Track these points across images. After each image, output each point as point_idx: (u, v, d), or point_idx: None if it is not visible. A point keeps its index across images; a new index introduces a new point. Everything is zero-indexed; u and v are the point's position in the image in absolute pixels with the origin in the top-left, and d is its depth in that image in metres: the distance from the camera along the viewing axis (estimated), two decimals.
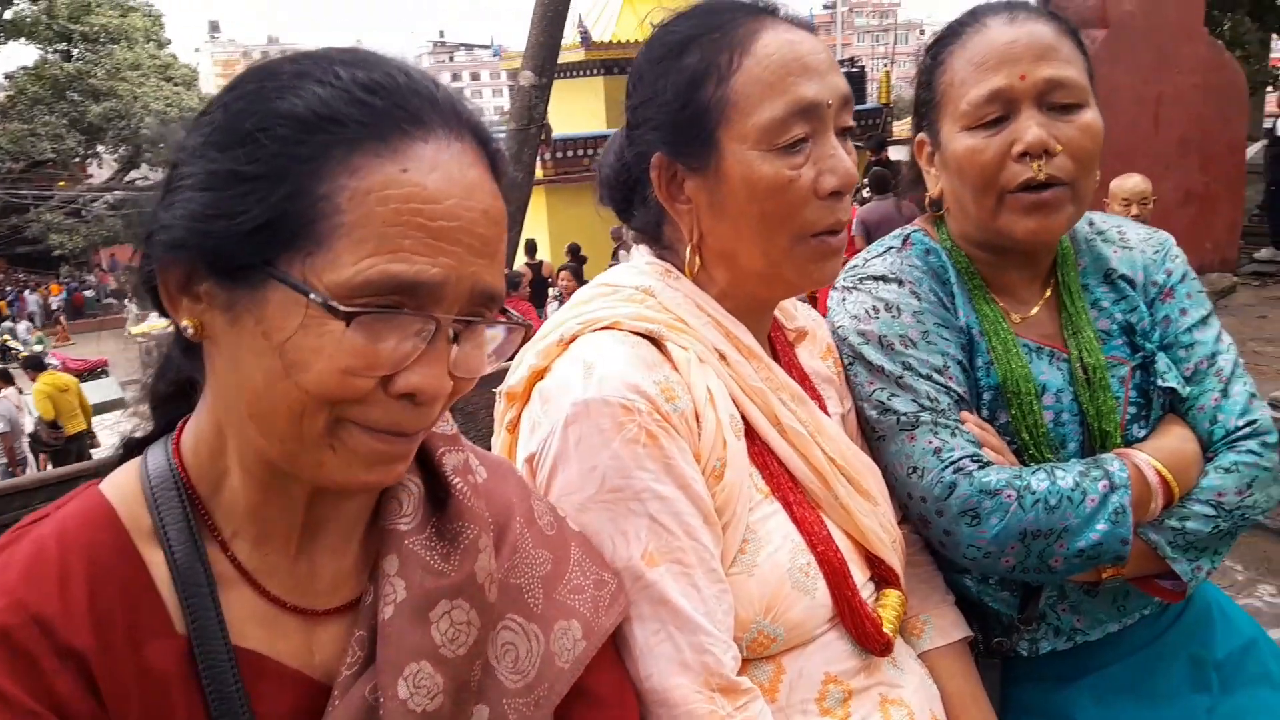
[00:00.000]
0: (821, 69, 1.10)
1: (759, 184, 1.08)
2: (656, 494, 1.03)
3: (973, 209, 1.35)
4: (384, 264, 0.72)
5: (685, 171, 1.14)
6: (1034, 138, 1.26)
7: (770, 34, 1.10)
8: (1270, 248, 10.76)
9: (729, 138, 1.09)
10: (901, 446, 1.30)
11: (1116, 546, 1.23)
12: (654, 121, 1.15)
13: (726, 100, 1.09)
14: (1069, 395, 1.37)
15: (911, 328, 1.34)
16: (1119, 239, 1.47)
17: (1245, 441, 1.32)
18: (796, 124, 1.08)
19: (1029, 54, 1.28)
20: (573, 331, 1.12)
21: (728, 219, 1.12)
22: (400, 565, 0.85)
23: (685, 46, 1.12)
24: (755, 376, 1.16)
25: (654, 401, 1.04)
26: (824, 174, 1.09)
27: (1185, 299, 1.41)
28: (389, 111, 0.75)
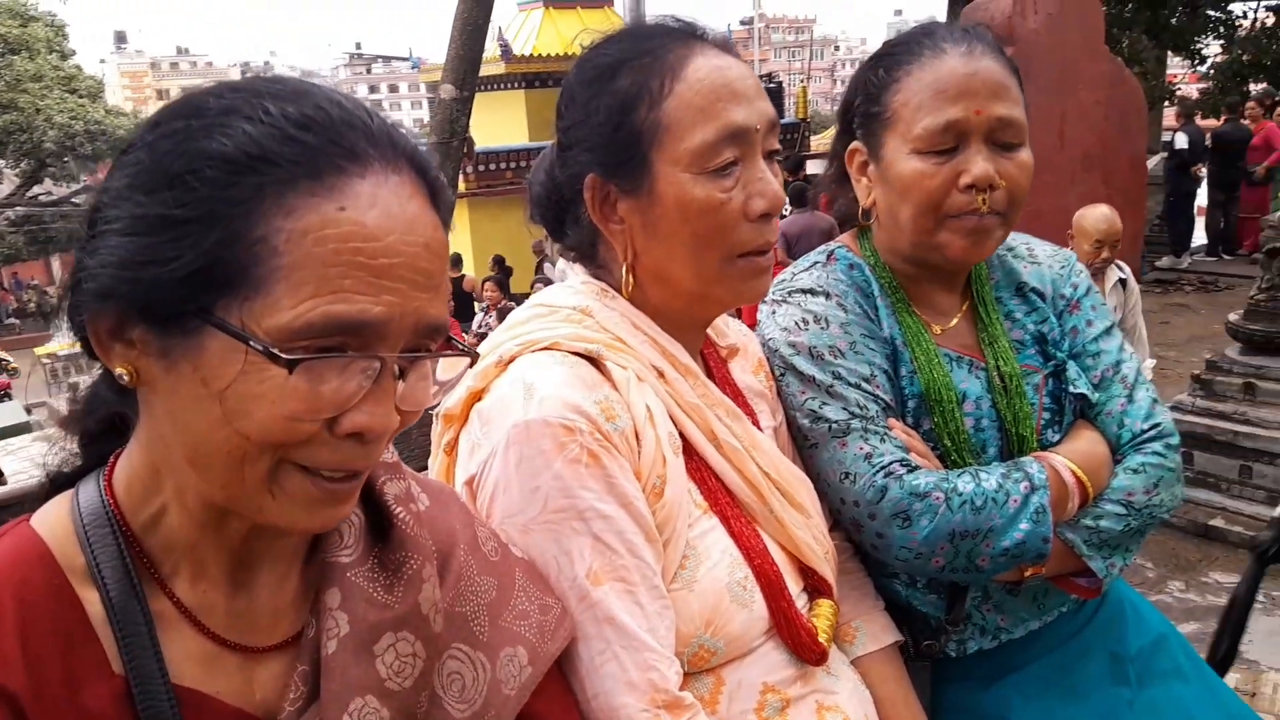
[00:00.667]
0: (750, 94, 1.13)
1: (691, 205, 1.10)
2: (600, 513, 1.04)
3: (909, 226, 1.39)
4: (325, 305, 0.70)
5: (619, 193, 1.15)
6: (981, 172, 1.32)
7: (700, 59, 1.12)
8: (1170, 256, 11.23)
9: (662, 160, 1.11)
10: (834, 453, 1.34)
11: (1039, 545, 1.29)
12: (587, 143, 1.16)
13: (659, 124, 1.11)
14: (987, 402, 1.42)
15: (840, 339, 1.38)
16: (1028, 255, 1.55)
17: (1151, 444, 1.40)
18: (727, 148, 1.10)
19: (985, 90, 1.33)
20: (511, 353, 1.13)
21: (661, 239, 1.14)
22: (342, 598, 0.83)
23: (617, 70, 1.14)
24: (692, 393, 1.18)
25: (595, 421, 1.05)
26: (753, 197, 1.12)
27: (1090, 311, 1.50)
28: (322, 148, 0.73)
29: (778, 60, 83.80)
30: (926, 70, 1.36)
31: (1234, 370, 5.08)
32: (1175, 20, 15.51)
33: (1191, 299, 9.87)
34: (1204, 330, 8.48)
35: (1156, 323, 9.02)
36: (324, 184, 0.72)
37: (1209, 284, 10.29)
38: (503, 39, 21.44)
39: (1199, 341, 8.14)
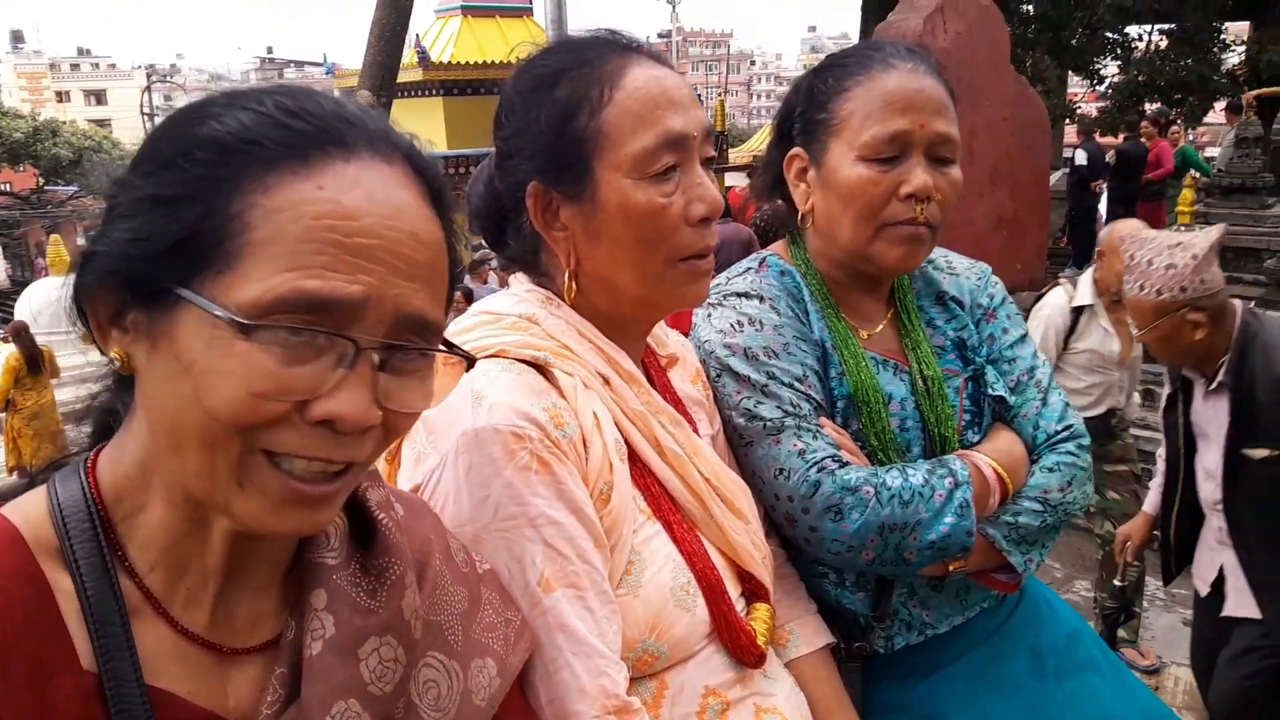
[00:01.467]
0: (686, 103, 1.16)
1: (634, 211, 1.13)
2: (550, 519, 1.05)
3: (847, 232, 1.45)
4: (296, 280, 0.70)
5: (561, 200, 1.17)
6: (921, 183, 1.39)
7: (637, 69, 1.15)
8: (1073, 268, 11.66)
9: (603, 167, 1.13)
10: (768, 450, 1.38)
11: (963, 538, 1.35)
12: (528, 151, 1.18)
13: (600, 131, 1.13)
14: (911, 404, 1.49)
15: (773, 340, 1.43)
16: (947, 266, 1.63)
17: (1064, 444, 1.48)
18: (666, 154, 1.13)
19: (930, 106, 1.40)
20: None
21: (604, 245, 1.16)
22: (329, 600, 0.82)
23: (556, 80, 1.16)
24: (636, 400, 1.19)
25: (544, 428, 1.06)
26: (693, 202, 1.15)
27: (1006, 319, 1.59)
28: (311, 134, 0.75)
29: (695, 74, 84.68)
30: (877, 82, 1.42)
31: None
32: (1075, 41, 16.14)
33: None
34: None
35: None
36: (306, 165, 0.73)
37: None
38: (420, 46, 21.23)
39: None
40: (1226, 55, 17.07)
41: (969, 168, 8.34)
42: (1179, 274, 2.33)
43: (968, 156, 9.03)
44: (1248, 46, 16.39)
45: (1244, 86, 14.59)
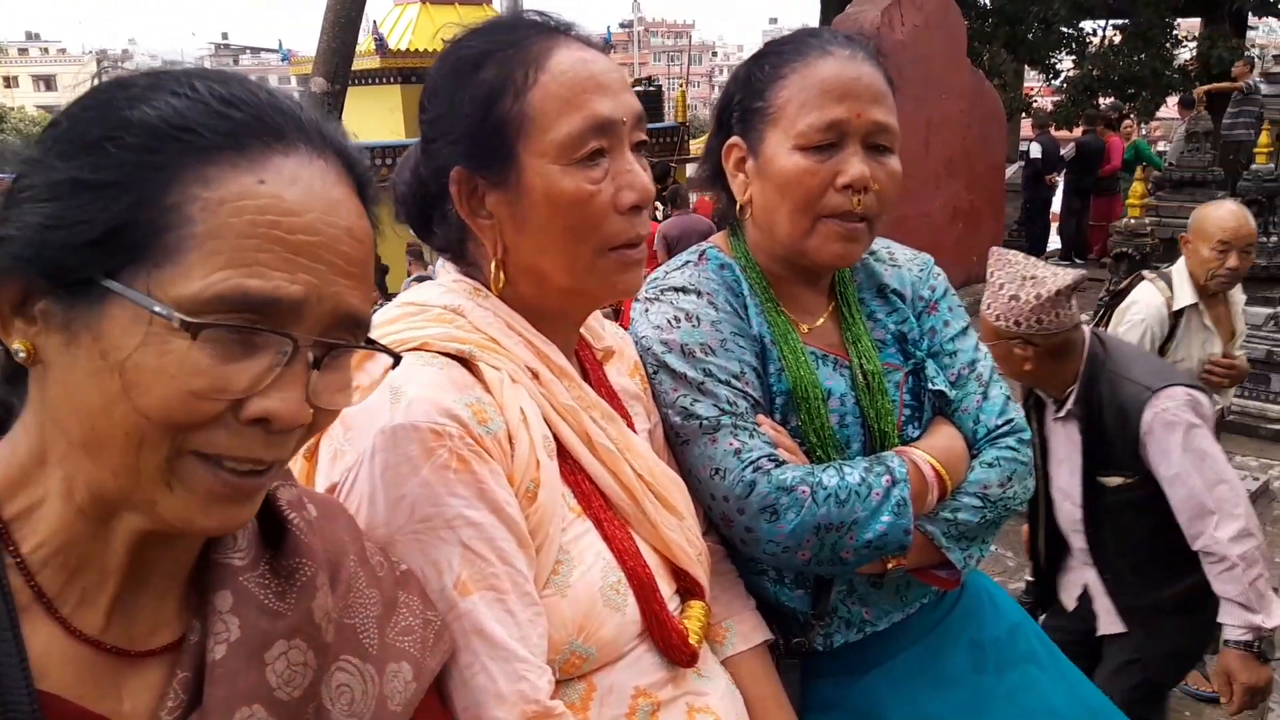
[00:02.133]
0: (615, 87, 1.12)
1: (560, 197, 1.09)
2: (469, 520, 1.01)
3: (785, 224, 1.42)
4: (238, 278, 0.68)
5: (486, 186, 1.13)
6: (858, 173, 1.35)
7: (565, 52, 1.12)
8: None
9: (528, 152, 1.10)
10: (704, 449, 1.35)
11: (900, 536, 1.32)
12: (451, 135, 1.14)
13: (524, 115, 1.09)
14: (851, 399, 1.46)
15: (710, 336, 1.39)
16: (889, 258, 1.60)
17: (1004, 439, 1.46)
18: (593, 139, 1.09)
19: (867, 94, 1.37)
20: None
21: (531, 233, 1.12)
22: (234, 602, 0.79)
23: (481, 61, 1.12)
24: (567, 395, 1.16)
25: (466, 425, 1.02)
26: (623, 189, 1.11)
27: (948, 312, 1.55)
28: (248, 124, 0.72)
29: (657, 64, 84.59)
30: (813, 69, 1.39)
31: None
32: (1031, 36, 16.33)
33: None
34: None
35: None
36: (246, 157, 0.71)
37: None
38: (378, 32, 20.99)
39: None
40: (1179, 51, 17.37)
41: (925, 160, 8.46)
42: (1018, 307, 2.38)
43: (923, 149, 9.12)
44: (1199, 43, 16.68)
45: (1195, 82, 14.85)
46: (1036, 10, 15.72)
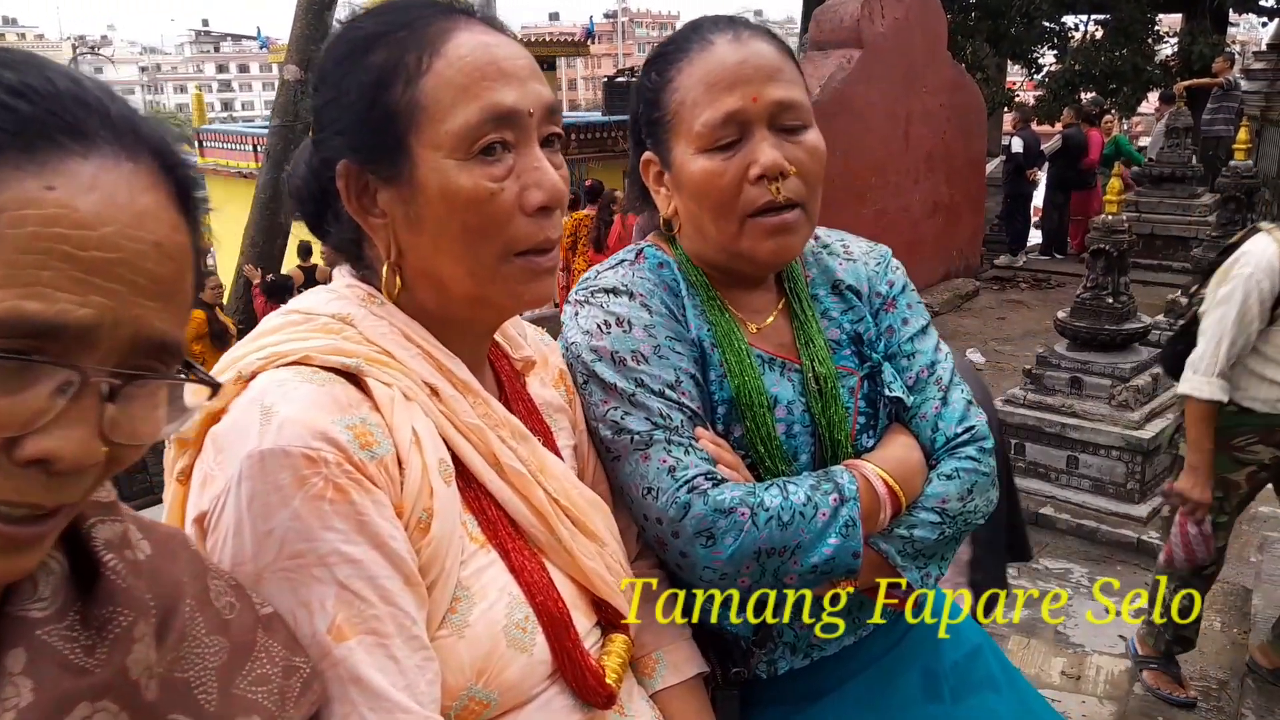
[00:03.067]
0: (521, 75, 1.02)
1: (457, 195, 0.99)
2: (346, 556, 0.90)
3: (713, 231, 1.32)
4: (14, 299, 0.58)
5: (377, 181, 1.03)
6: (770, 160, 1.25)
7: (465, 35, 1.01)
8: (1008, 254, 11.77)
9: (422, 144, 1.00)
10: (636, 466, 1.26)
11: (848, 560, 1.23)
12: (338, 125, 1.04)
13: (416, 103, 0.99)
14: (800, 406, 1.36)
15: (643, 342, 1.30)
16: (843, 252, 1.49)
17: (965, 448, 1.35)
18: (493, 131, 0.99)
19: (759, 75, 1.27)
20: (253, 367, 0.98)
21: (427, 234, 1.02)
22: (28, 662, 0.68)
23: (371, 44, 1.02)
24: (471, 413, 1.06)
25: (345, 449, 0.91)
26: (529, 188, 1.01)
27: (906, 309, 1.45)
28: (39, 119, 0.61)
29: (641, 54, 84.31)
30: (696, 64, 1.29)
31: (1062, 365, 5.31)
32: (1014, 30, 16.29)
33: (1026, 295, 10.35)
34: (1038, 326, 8.89)
35: (994, 318, 9.43)
36: (34, 159, 0.60)
37: (1042, 281, 10.81)
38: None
39: (1033, 337, 8.53)
40: (1160, 46, 17.38)
41: (904, 153, 8.42)
42: None
43: (903, 142, 9.07)
44: (1180, 38, 16.69)
45: (1176, 77, 14.86)
46: (1019, 4, 15.68)
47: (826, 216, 1.39)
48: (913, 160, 9.28)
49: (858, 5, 8.48)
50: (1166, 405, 5.21)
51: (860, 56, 8.41)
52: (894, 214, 9.07)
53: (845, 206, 8.16)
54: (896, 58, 8.80)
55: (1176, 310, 6.53)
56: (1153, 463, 5.05)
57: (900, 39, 8.85)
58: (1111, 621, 4.34)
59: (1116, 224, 5.17)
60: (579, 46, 29.42)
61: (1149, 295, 8.54)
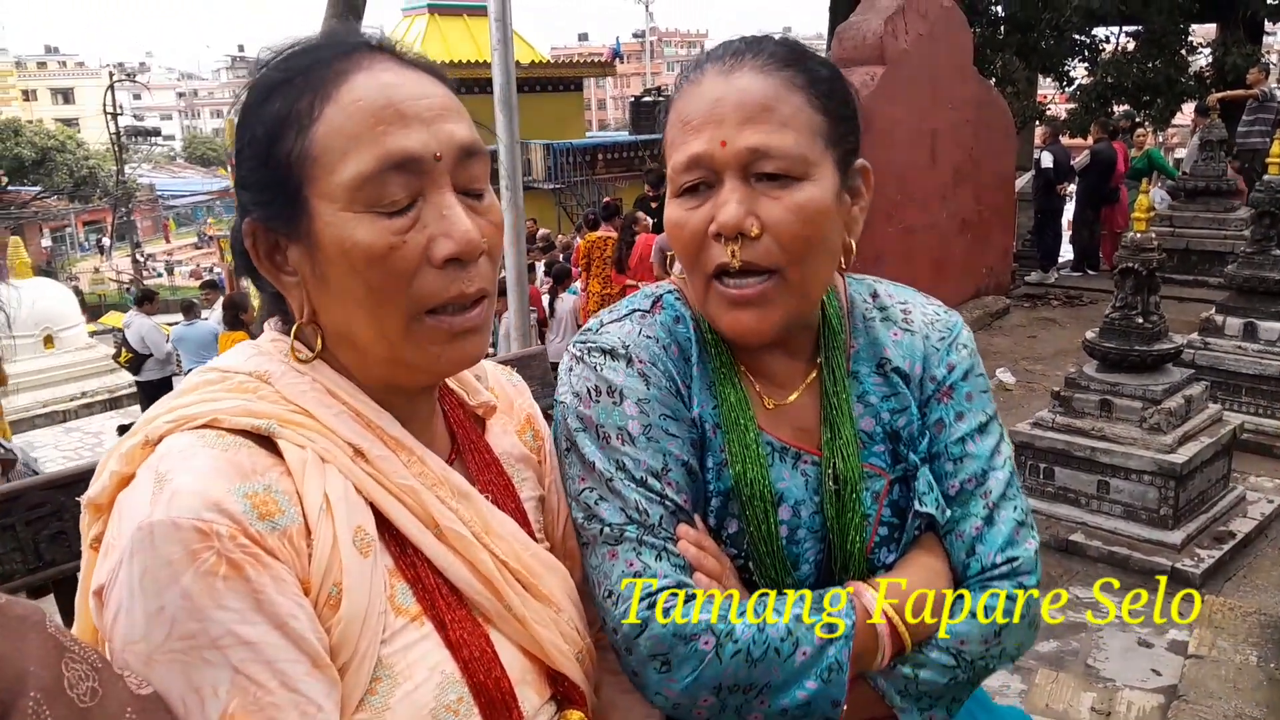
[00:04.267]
0: (426, 116, 0.95)
1: (355, 251, 0.93)
2: (241, 639, 0.84)
3: (692, 288, 1.22)
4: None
5: (286, 239, 0.98)
6: (726, 217, 1.11)
7: (363, 76, 0.95)
8: (1039, 271, 11.58)
9: (317, 197, 0.94)
10: (601, 562, 1.14)
11: (826, 708, 1.09)
12: (243, 180, 0.99)
13: (307, 154, 0.93)
14: (811, 508, 1.20)
15: (633, 419, 1.16)
16: (902, 318, 1.29)
17: (1001, 582, 1.17)
18: (393, 180, 0.93)
19: (735, 116, 1.11)
20: (160, 431, 0.92)
21: (333, 293, 0.96)
22: None
23: (270, 93, 0.97)
24: (404, 472, 0.99)
25: (239, 521, 0.85)
26: (437, 238, 0.95)
27: (965, 400, 1.24)
28: None
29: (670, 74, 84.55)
30: (681, 100, 1.19)
31: (1091, 387, 5.17)
32: (1044, 43, 16.10)
33: (1058, 313, 10.17)
34: (1069, 344, 8.71)
35: (1025, 337, 9.26)
36: None
37: (1074, 298, 10.62)
38: None
39: (1064, 356, 8.36)
40: (1193, 58, 17.11)
41: (932, 170, 8.30)
42: None
43: (930, 159, 8.95)
44: (1213, 49, 16.42)
45: (1211, 88, 14.61)
46: (1049, 17, 15.50)
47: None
48: (940, 177, 9.15)
49: (880, 22, 8.40)
50: (1200, 428, 5.05)
51: (884, 73, 8.32)
52: (921, 232, 8.94)
53: (871, 225, 7.91)
54: (921, 74, 8.69)
55: (1211, 329, 6.37)
56: (1186, 488, 4.89)
57: (924, 55, 8.75)
58: (1143, 652, 4.19)
59: (1145, 242, 5.03)
60: (605, 67, 29.54)
61: (1184, 312, 8.35)
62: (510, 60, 6.25)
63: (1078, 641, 4.25)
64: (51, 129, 39.50)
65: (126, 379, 12.50)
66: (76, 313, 14.90)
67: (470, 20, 23.17)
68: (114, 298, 29.58)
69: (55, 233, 43.34)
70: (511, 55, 6.29)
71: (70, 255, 43.28)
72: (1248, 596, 4.55)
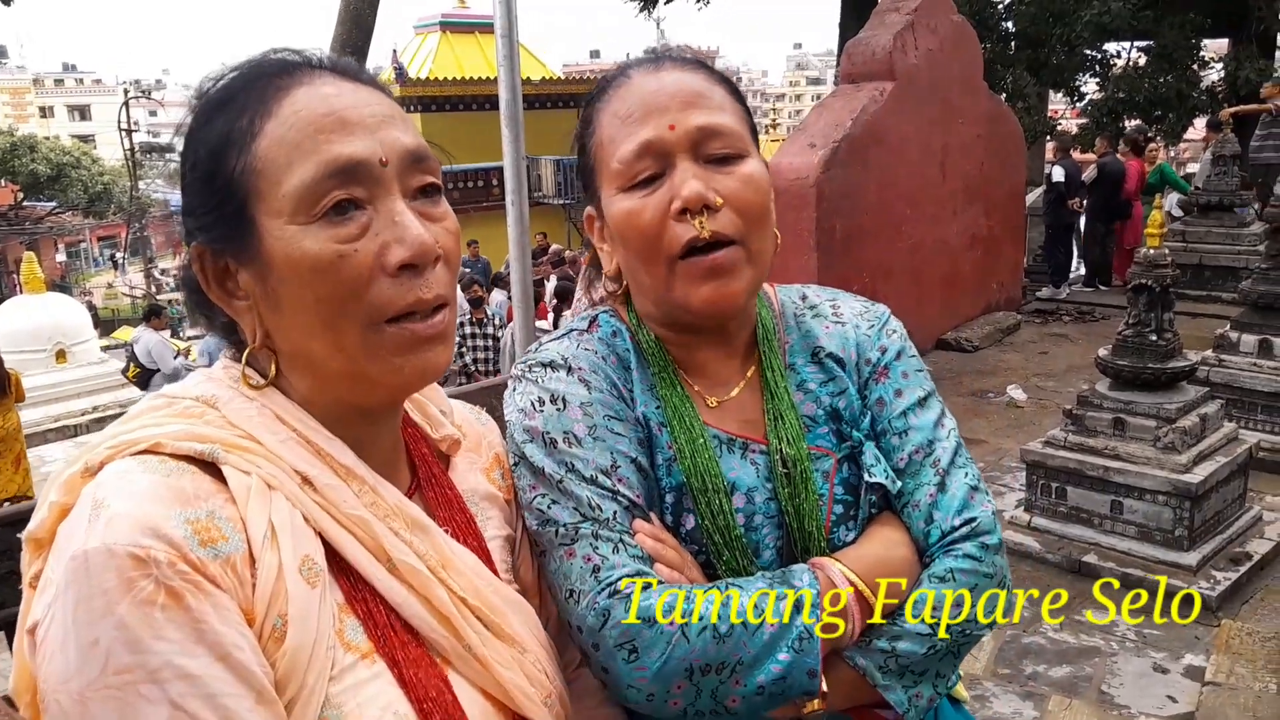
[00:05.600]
0: (370, 123, 0.93)
1: (304, 263, 0.90)
2: (182, 671, 0.79)
3: (646, 280, 1.21)
4: None
5: (235, 262, 0.95)
6: (690, 191, 1.13)
7: (303, 90, 0.93)
8: (1050, 287, 11.50)
9: (263, 213, 0.91)
10: (560, 564, 1.12)
11: (803, 680, 1.06)
12: (188, 205, 0.96)
13: (251, 169, 0.91)
14: (765, 494, 1.21)
15: (578, 422, 1.16)
16: (832, 313, 1.34)
17: (963, 544, 1.17)
18: (339, 188, 0.90)
19: (676, 102, 1.17)
20: (100, 457, 0.88)
21: (288, 312, 0.93)
22: None
23: (211, 114, 0.95)
24: (354, 502, 0.94)
25: (179, 547, 0.81)
26: (389, 245, 0.92)
27: (901, 378, 1.27)
28: None
29: None
30: (615, 100, 1.21)
31: (1104, 405, 5.09)
32: (1054, 58, 16.05)
33: (1070, 329, 10.08)
34: (1082, 360, 8.63)
35: (1036, 353, 9.17)
36: None
37: (1086, 314, 10.53)
38: (397, 61, 21.12)
39: (1076, 372, 8.27)
40: (1205, 72, 17.03)
41: (942, 185, 8.25)
42: None
43: (940, 174, 8.90)
44: (1225, 64, 16.35)
45: (1223, 103, 14.52)
46: (1059, 33, 15.45)
47: (859, 251, 1.26)
48: (950, 192, 9.10)
49: (890, 38, 8.37)
50: (1215, 447, 4.97)
51: (893, 89, 8.28)
52: (931, 247, 8.88)
53: (880, 240, 7.99)
54: (930, 89, 8.65)
55: (1225, 346, 6.28)
56: (1202, 508, 4.80)
57: (934, 70, 8.71)
58: (1158, 678, 4.10)
59: (1159, 258, 4.96)
60: None
61: (1197, 328, 8.26)
62: (516, 76, 6.23)
63: (1091, 666, 4.17)
64: (68, 145, 39.85)
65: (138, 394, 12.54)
66: (89, 327, 14.94)
67: (482, 37, 23.30)
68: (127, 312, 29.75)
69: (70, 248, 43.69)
70: (518, 71, 6.26)
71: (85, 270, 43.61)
72: (1265, 620, 4.45)
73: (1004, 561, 1.20)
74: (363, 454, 0.98)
